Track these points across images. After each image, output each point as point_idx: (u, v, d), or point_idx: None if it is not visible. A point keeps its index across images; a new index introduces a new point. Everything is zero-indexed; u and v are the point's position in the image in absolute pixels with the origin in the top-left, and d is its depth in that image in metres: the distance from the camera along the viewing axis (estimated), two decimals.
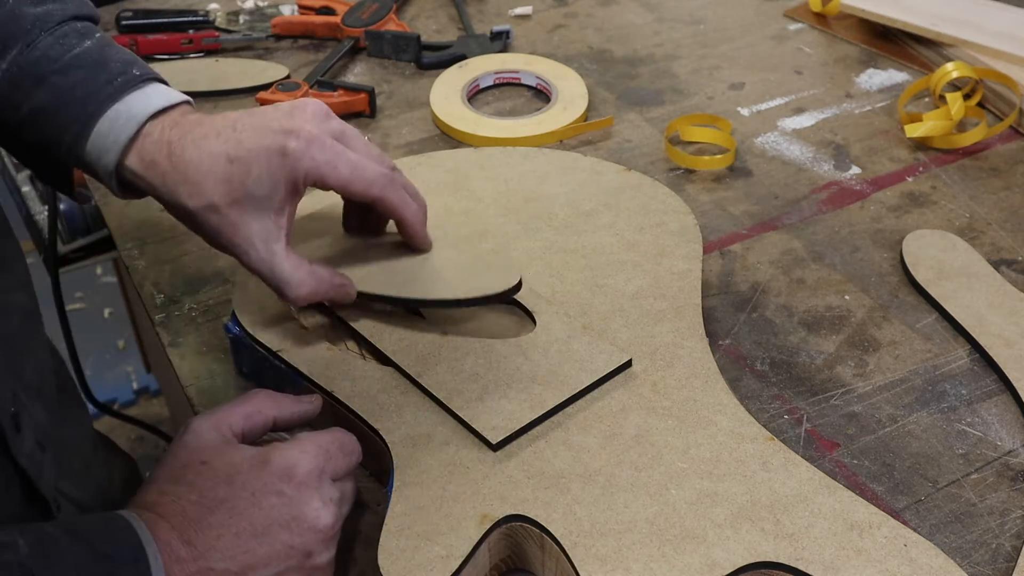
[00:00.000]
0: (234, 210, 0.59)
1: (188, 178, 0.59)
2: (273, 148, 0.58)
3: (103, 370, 2.07)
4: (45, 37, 0.62)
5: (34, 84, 0.61)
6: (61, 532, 0.49)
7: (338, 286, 0.63)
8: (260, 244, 0.60)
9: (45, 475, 0.62)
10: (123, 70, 0.62)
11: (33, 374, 0.64)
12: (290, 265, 0.60)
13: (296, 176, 0.59)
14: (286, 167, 0.59)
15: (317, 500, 0.54)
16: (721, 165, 0.90)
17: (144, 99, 0.61)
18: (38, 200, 1.34)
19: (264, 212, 0.59)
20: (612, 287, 0.70)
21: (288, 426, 0.60)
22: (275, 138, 0.59)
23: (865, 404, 0.68)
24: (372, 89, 0.97)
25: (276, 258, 0.60)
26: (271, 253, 0.60)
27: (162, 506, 0.52)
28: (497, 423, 0.59)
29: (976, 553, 0.59)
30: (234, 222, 0.59)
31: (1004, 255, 0.81)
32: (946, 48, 1.04)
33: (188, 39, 1.06)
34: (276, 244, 0.60)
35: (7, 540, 0.47)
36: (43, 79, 0.61)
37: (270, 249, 0.60)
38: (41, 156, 0.64)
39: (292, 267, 0.60)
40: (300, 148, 0.58)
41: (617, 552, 0.54)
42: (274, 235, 0.60)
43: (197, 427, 0.56)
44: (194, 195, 0.59)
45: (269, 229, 0.60)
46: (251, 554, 0.52)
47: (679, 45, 1.10)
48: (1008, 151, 0.93)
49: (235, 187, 0.58)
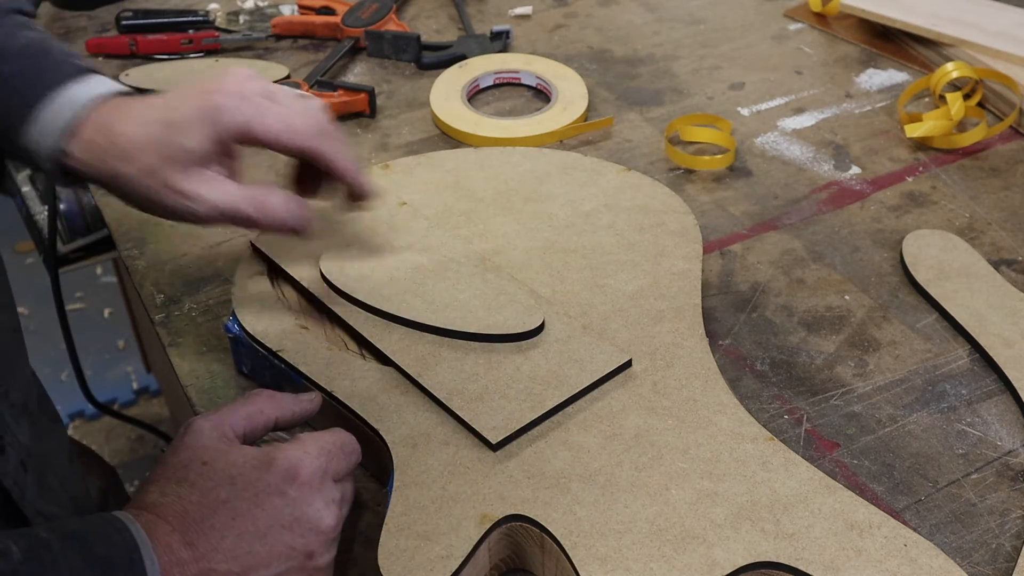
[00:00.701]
0: (169, 168, 0.60)
1: (124, 149, 0.60)
2: (204, 107, 0.60)
3: (103, 370, 2.07)
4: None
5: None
6: (56, 537, 0.49)
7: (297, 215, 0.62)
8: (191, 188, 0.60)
9: (27, 495, 0.62)
10: (64, 60, 0.64)
11: (17, 393, 0.64)
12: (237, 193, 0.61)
13: (226, 130, 0.60)
14: (216, 123, 0.60)
15: (319, 501, 0.54)
16: (721, 165, 0.90)
17: (86, 87, 0.62)
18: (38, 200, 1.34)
19: (195, 166, 0.60)
20: (612, 287, 0.70)
21: (289, 425, 0.60)
22: (204, 98, 0.60)
23: (865, 404, 0.68)
24: (372, 89, 0.97)
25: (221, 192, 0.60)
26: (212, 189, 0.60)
27: (163, 507, 0.52)
28: (497, 423, 0.59)
29: (976, 553, 0.59)
30: (166, 180, 0.60)
31: (1004, 255, 0.81)
32: (946, 48, 1.04)
33: (188, 39, 1.06)
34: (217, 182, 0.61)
35: (1, 547, 0.47)
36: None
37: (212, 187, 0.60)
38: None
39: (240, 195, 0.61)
40: (229, 104, 0.60)
41: (617, 552, 0.54)
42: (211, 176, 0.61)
43: (198, 427, 0.56)
44: (130, 161, 0.60)
45: (205, 173, 0.61)
46: (253, 555, 0.52)
47: (679, 45, 1.10)
48: (1008, 151, 0.93)
49: (170, 147, 0.59)
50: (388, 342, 0.65)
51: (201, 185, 0.60)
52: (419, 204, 0.78)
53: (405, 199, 0.78)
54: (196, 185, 0.60)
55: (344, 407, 0.62)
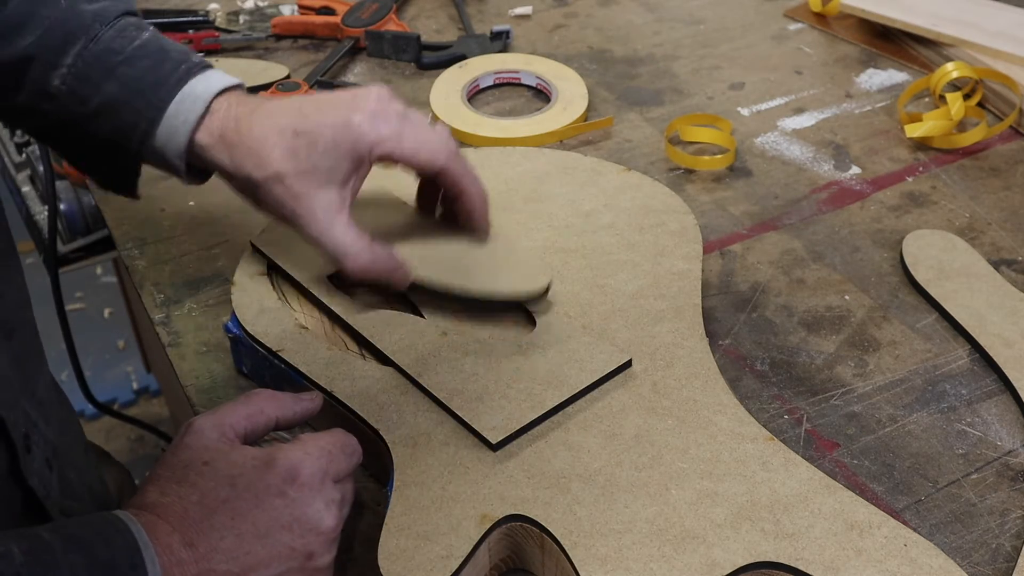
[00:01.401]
0: (299, 181, 0.61)
1: (255, 150, 0.61)
2: (338, 122, 0.60)
3: (103, 370, 2.07)
4: (106, 31, 0.64)
5: (103, 76, 0.63)
6: (57, 539, 0.49)
7: (395, 268, 0.64)
8: (322, 215, 0.61)
9: (52, 494, 0.63)
10: (184, 58, 0.65)
11: (44, 391, 0.64)
12: (351, 237, 0.62)
13: (361, 149, 0.61)
14: (351, 140, 0.60)
15: (320, 502, 0.54)
16: (721, 165, 0.90)
17: (207, 81, 0.64)
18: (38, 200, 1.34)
19: (328, 184, 0.61)
20: (612, 287, 0.70)
21: (290, 425, 0.60)
22: (340, 113, 0.61)
23: (865, 404, 0.68)
24: None
25: (336, 229, 0.61)
26: (332, 224, 0.61)
27: (163, 507, 0.52)
28: (497, 423, 0.59)
29: (976, 553, 0.59)
30: (298, 193, 0.61)
31: (1004, 255, 0.81)
32: (946, 48, 1.04)
33: (188, 39, 1.06)
34: (338, 215, 0.61)
35: (2, 550, 0.47)
36: (111, 71, 0.63)
37: (331, 220, 0.61)
38: (109, 151, 0.66)
39: (352, 239, 0.62)
40: (365, 122, 0.61)
41: (617, 552, 0.54)
42: (336, 206, 0.61)
43: (199, 427, 0.56)
44: (260, 166, 0.61)
45: (332, 200, 0.61)
46: (253, 555, 0.52)
47: (679, 45, 1.10)
48: (1008, 151, 0.93)
49: (301, 159, 0.60)
50: (388, 342, 0.65)
51: (326, 215, 0.61)
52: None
53: (405, 199, 0.78)
54: (322, 213, 0.61)
55: (344, 407, 0.62)
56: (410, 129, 0.62)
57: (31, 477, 0.60)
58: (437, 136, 0.63)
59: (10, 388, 0.59)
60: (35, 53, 0.64)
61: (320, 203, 0.61)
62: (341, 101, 0.62)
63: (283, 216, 0.62)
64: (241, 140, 0.62)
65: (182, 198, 0.88)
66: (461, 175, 0.64)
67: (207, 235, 0.83)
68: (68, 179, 1.28)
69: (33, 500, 0.61)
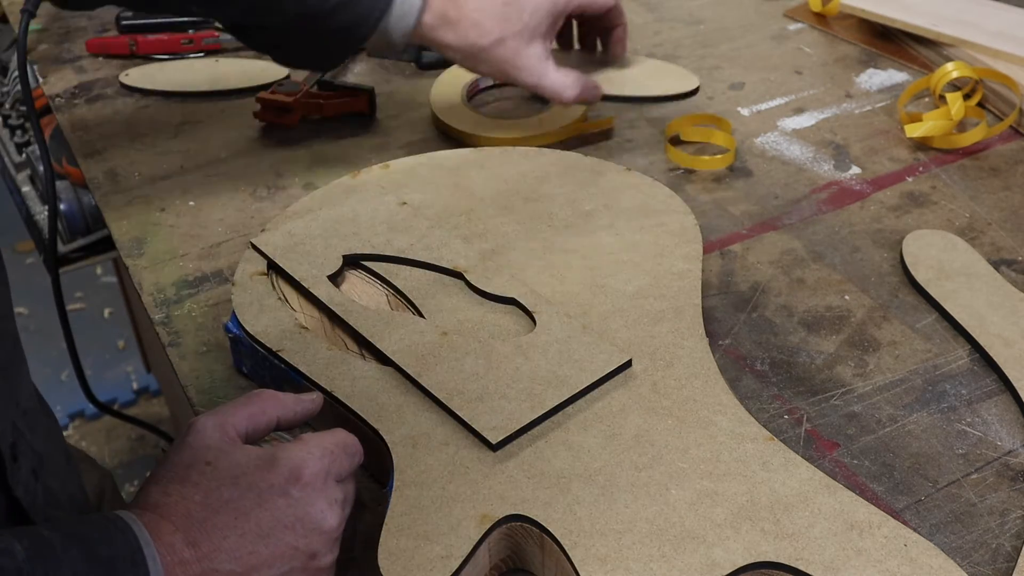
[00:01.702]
0: (516, 40, 0.78)
1: (476, 22, 0.77)
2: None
3: (103, 370, 2.07)
4: None
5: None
6: (58, 536, 0.49)
7: (593, 87, 0.84)
8: (537, 63, 0.79)
9: (38, 503, 0.62)
10: None
11: (27, 401, 0.64)
12: (560, 75, 0.81)
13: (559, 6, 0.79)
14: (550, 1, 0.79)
15: (323, 501, 0.54)
16: (721, 165, 0.90)
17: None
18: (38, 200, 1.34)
19: (536, 38, 0.78)
20: (612, 287, 0.70)
21: (291, 426, 0.60)
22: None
23: (865, 404, 0.68)
24: (372, 89, 0.97)
25: (549, 71, 0.80)
26: (545, 68, 0.80)
27: (166, 506, 0.52)
28: (497, 423, 0.59)
29: (976, 553, 0.59)
30: (516, 49, 0.78)
31: (1004, 255, 0.81)
32: (946, 48, 1.04)
33: (188, 39, 1.06)
34: (547, 62, 0.80)
35: (4, 546, 0.47)
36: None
37: (544, 66, 0.80)
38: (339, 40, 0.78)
39: (562, 76, 0.81)
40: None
41: (617, 552, 0.54)
42: (544, 55, 0.80)
43: (201, 427, 0.55)
44: (484, 34, 0.77)
45: (540, 51, 0.79)
46: (256, 555, 0.52)
47: (679, 45, 1.10)
48: (1008, 151, 0.93)
49: (514, 22, 0.77)
50: (388, 342, 0.65)
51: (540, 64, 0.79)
52: (419, 204, 0.78)
53: (405, 199, 0.78)
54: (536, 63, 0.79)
55: (344, 407, 0.62)
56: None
57: (17, 487, 0.60)
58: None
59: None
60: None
61: (534, 55, 0.78)
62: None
63: (505, 71, 0.79)
64: (462, 15, 0.77)
65: (182, 198, 0.88)
66: (622, 10, 0.87)
67: (207, 235, 0.83)
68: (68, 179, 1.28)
69: (18, 509, 0.61)
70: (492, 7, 0.77)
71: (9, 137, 1.42)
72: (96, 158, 0.93)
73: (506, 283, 0.70)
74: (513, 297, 0.68)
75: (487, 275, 0.70)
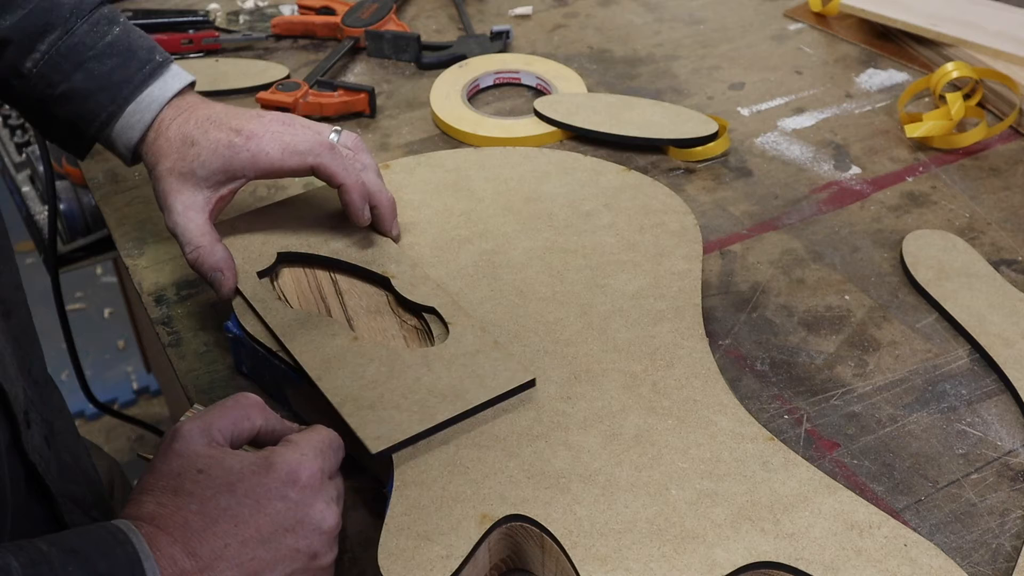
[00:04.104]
0: (177, 179, 0.70)
1: (163, 149, 0.71)
2: (221, 141, 0.69)
3: (103, 370, 2.07)
4: (81, 24, 0.71)
5: (72, 68, 0.71)
6: (56, 551, 0.48)
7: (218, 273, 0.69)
8: (182, 208, 0.69)
9: (52, 473, 0.63)
10: (149, 57, 0.73)
11: (39, 373, 0.64)
12: (198, 233, 0.69)
13: (232, 166, 0.69)
14: (225, 157, 0.69)
15: (321, 501, 0.54)
16: (716, 152, 0.90)
17: (164, 85, 0.72)
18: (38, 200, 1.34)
19: (199, 188, 0.70)
20: (612, 287, 0.70)
21: (268, 441, 0.58)
22: (226, 134, 0.69)
23: (865, 404, 0.68)
24: (372, 89, 0.97)
25: (190, 224, 0.69)
26: (187, 219, 0.69)
27: (162, 518, 0.51)
28: (382, 433, 0.59)
29: (976, 553, 0.59)
30: (174, 187, 0.70)
31: (1004, 255, 0.81)
32: (946, 48, 1.04)
33: (188, 39, 1.06)
34: (195, 213, 0.70)
35: (1, 563, 0.46)
36: (81, 64, 0.71)
37: (187, 215, 0.69)
38: (68, 130, 0.73)
39: (198, 235, 0.69)
40: (239, 143, 0.69)
41: (617, 552, 0.54)
42: (198, 206, 0.70)
43: (186, 433, 0.54)
44: (160, 160, 0.70)
45: (197, 201, 0.70)
46: (258, 561, 0.51)
47: (679, 45, 1.10)
48: (1008, 151, 0.93)
49: (185, 163, 0.69)
50: (298, 343, 0.64)
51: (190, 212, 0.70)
52: (419, 204, 0.78)
53: (405, 199, 0.78)
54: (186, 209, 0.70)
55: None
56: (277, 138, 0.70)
57: (31, 452, 0.60)
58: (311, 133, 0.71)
59: (11, 365, 0.60)
60: (13, 37, 0.70)
61: (185, 200, 0.69)
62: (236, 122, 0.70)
63: (159, 201, 0.71)
64: (164, 141, 0.71)
65: None
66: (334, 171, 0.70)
67: None
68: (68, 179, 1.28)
69: (35, 477, 0.61)
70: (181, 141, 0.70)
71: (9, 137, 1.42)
72: (96, 158, 0.93)
73: (429, 292, 0.69)
74: (433, 307, 0.68)
75: (412, 283, 0.69)
